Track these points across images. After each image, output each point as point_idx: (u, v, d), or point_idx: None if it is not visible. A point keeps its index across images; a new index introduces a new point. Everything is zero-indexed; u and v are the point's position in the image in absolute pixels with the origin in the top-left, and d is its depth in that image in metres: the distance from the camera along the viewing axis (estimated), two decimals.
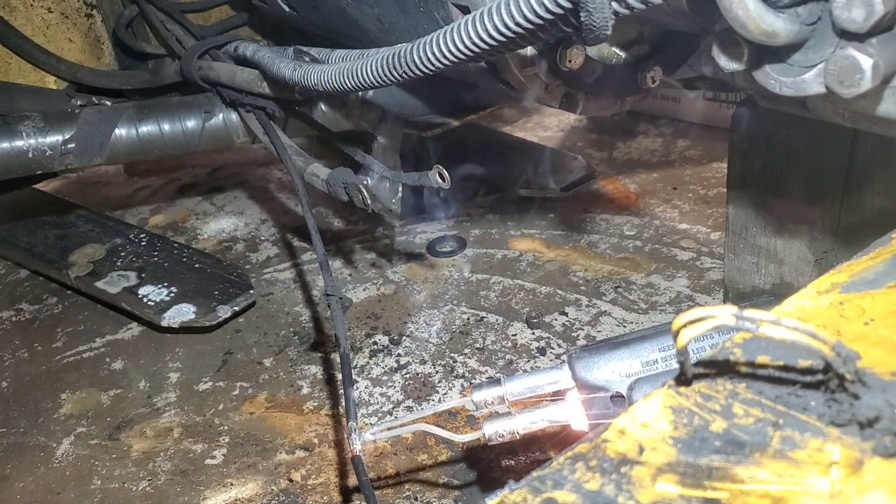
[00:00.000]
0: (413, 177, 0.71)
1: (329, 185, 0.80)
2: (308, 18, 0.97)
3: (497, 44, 0.50)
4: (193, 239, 1.33)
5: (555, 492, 0.31)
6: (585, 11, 0.42)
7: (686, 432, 0.32)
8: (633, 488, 0.30)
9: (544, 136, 1.57)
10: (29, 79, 1.09)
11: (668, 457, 0.31)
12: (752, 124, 0.81)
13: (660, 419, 0.33)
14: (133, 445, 0.89)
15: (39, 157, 0.98)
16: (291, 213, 1.37)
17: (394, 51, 0.58)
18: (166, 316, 1.04)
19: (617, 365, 0.54)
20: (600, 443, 0.32)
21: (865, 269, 0.40)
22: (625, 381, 0.53)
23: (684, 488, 0.29)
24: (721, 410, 0.33)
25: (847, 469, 0.29)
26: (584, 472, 0.31)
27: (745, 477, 0.29)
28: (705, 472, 0.30)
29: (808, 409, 0.32)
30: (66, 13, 1.12)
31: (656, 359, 0.54)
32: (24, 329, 1.13)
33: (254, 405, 0.93)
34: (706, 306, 0.32)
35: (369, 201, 0.76)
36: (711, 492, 0.29)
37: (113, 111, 1.03)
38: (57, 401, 0.97)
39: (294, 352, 1.01)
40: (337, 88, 0.69)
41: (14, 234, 1.27)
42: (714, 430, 0.32)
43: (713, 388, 0.34)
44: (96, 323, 1.12)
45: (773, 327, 0.30)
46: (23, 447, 0.91)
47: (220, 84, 1.01)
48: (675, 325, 0.32)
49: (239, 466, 0.84)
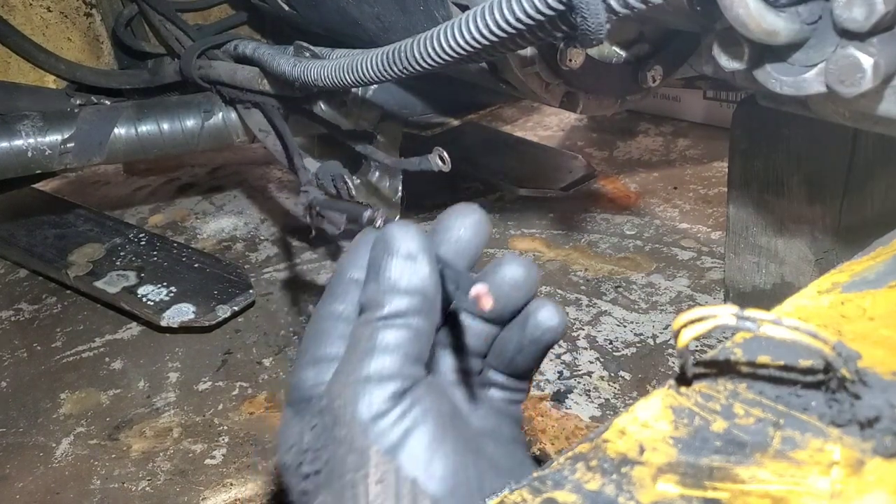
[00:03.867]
0: (413, 162, 0.71)
1: (318, 178, 0.80)
2: (307, 17, 0.97)
3: (493, 43, 0.50)
4: (193, 238, 1.32)
5: (555, 492, 0.30)
6: (580, 16, 0.42)
7: (687, 432, 0.32)
8: (634, 488, 0.30)
9: (544, 136, 1.57)
10: (28, 78, 1.09)
11: (669, 457, 0.31)
12: (753, 124, 0.81)
13: (660, 419, 0.33)
14: (132, 445, 0.89)
15: (38, 157, 0.98)
16: (291, 213, 1.37)
17: (394, 47, 0.58)
18: (166, 316, 1.04)
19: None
20: (601, 443, 0.32)
21: (866, 268, 0.39)
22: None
23: (685, 488, 0.29)
24: (722, 410, 0.33)
25: (848, 469, 0.29)
26: (585, 472, 0.31)
27: (745, 477, 0.29)
28: (706, 472, 0.30)
29: (809, 409, 0.32)
30: (65, 12, 1.12)
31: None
32: (23, 329, 1.13)
33: (253, 405, 0.93)
34: (706, 306, 0.32)
35: (353, 192, 0.76)
36: (712, 492, 0.29)
37: (112, 110, 1.03)
38: (56, 401, 0.97)
39: (294, 351, 1.01)
40: (337, 84, 0.69)
41: (13, 233, 1.27)
42: (715, 430, 0.32)
43: (714, 388, 0.34)
44: (95, 323, 1.12)
45: (773, 327, 0.30)
46: (22, 447, 0.91)
47: (219, 82, 1.01)
48: (675, 325, 0.32)
49: (239, 466, 0.84)
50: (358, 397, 0.34)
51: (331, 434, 0.34)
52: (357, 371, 0.34)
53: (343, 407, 0.34)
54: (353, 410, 0.34)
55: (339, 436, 0.34)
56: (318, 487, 0.35)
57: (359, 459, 0.33)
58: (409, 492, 0.33)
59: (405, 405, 0.34)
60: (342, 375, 0.35)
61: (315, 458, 0.35)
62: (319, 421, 0.35)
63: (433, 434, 0.34)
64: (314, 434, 0.36)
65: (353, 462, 0.33)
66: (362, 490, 0.33)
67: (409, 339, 0.35)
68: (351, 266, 0.40)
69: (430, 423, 0.34)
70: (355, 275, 0.39)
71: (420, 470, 0.33)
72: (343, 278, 0.40)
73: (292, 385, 0.38)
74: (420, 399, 0.35)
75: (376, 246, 0.37)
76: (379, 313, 0.36)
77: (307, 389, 0.37)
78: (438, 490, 0.33)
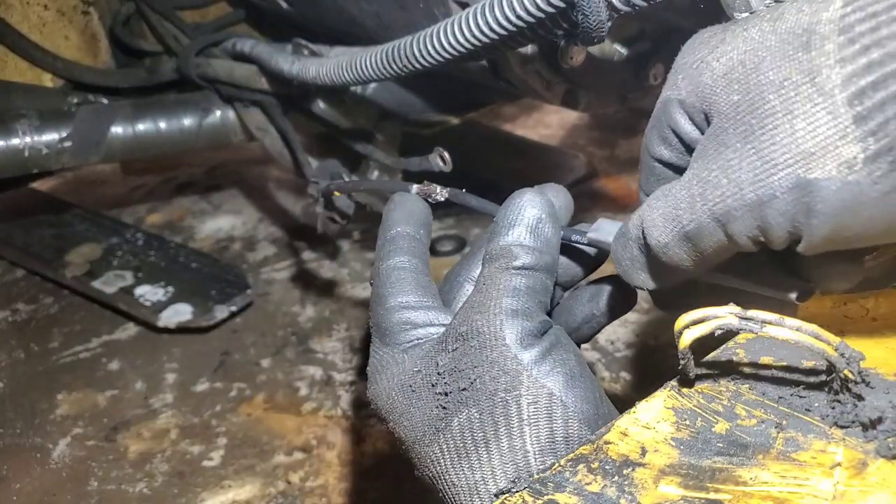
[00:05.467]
0: (414, 162, 0.71)
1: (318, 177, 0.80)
2: (306, 15, 0.97)
3: (493, 40, 0.49)
4: (190, 238, 1.32)
5: (556, 494, 0.30)
6: (581, 13, 0.42)
7: (689, 434, 0.32)
8: (636, 490, 0.29)
9: (545, 134, 1.56)
10: (25, 77, 1.09)
11: (671, 458, 0.30)
12: None
13: (662, 421, 0.33)
14: (130, 447, 0.89)
15: (36, 156, 0.97)
16: (289, 213, 1.36)
17: (393, 44, 0.58)
18: (163, 316, 1.04)
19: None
20: (602, 444, 0.32)
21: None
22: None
23: (687, 490, 0.29)
24: (724, 412, 0.32)
25: (850, 470, 0.28)
26: (586, 475, 0.31)
27: (747, 478, 0.29)
28: (708, 473, 0.29)
29: (812, 411, 0.32)
30: (62, 10, 1.12)
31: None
32: (20, 329, 1.12)
33: (251, 406, 0.93)
34: (708, 307, 0.32)
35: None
36: (714, 493, 0.28)
37: (109, 109, 1.03)
38: (53, 402, 0.97)
39: (292, 352, 1.01)
40: (336, 82, 0.68)
41: (10, 233, 1.27)
42: (717, 432, 0.31)
43: (716, 389, 0.34)
44: (93, 323, 1.12)
45: (776, 328, 0.30)
46: (19, 448, 0.90)
47: (218, 81, 1.00)
48: (677, 326, 0.31)
49: (236, 468, 0.84)
50: (505, 326, 0.37)
51: (478, 356, 0.37)
52: (499, 305, 0.38)
53: (492, 333, 0.37)
54: (502, 337, 0.37)
55: (488, 358, 0.37)
56: (460, 404, 0.38)
57: (512, 380, 0.37)
58: (562, 414, 0.36)
59: (549, 340, 0.38)
60: (482, 307, 0.39)
61: (456, 378, 0.38)
62: (461, 346, 0.38)
63: (574, 368, 0.38)
64: (454, 356, 0.39)
65: (506, 382, 0.37)
66: (515, 408, 0.36)
67: (538, 288, 0.40)
68: (397, 222, 0.46)
69: (571, 359, 0.38)
70: (404, 230, 0.45)
71: (570, 396, 0.36)
72: (393, 234, 0.45)
73: (385, 329, 0.42)
74: (559, 339, 0.39)
75: (508, 205, 0.43)
76: (513, 263, 0.40)
77: (403, 331, 0.42)
78: (585, 415, 0.36)
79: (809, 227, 0.28)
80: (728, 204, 0.30)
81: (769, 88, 0.29)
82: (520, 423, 0.36)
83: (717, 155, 0.31)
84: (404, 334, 0.42)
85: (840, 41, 0.27)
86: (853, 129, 0.27)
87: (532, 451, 0.35)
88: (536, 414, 0.36)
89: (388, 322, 0.42)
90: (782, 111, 0.29)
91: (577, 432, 0.36)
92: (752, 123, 0.30)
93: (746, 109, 0.30)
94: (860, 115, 0.27)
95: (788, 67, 0.29)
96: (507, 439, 0.36)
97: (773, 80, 0.29)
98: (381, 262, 0.44)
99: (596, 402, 0.37)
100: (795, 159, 0.28)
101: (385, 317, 0.42)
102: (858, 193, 0.27)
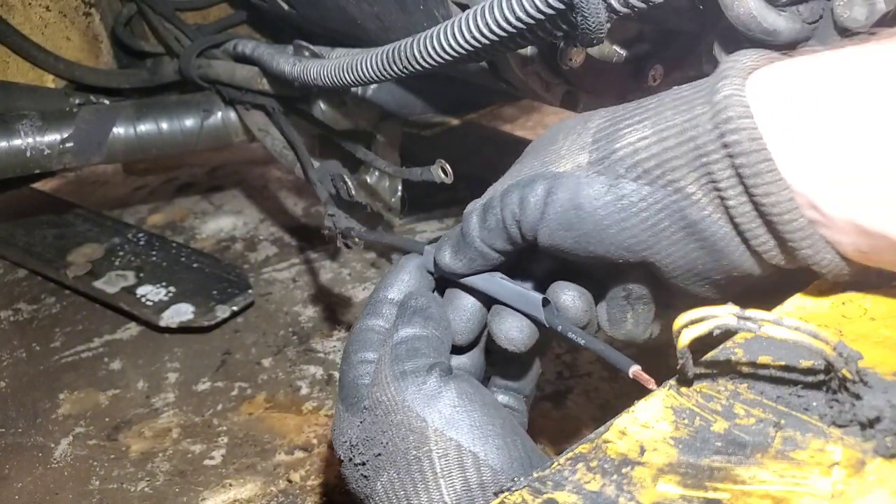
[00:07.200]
0: (415, 172, 0.71)
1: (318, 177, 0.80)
2: (307, 16, 0.97)
3: (493, 42, 0.49)
4: (192, 238, 1.32)
5: (555, 493, 0.30)
6: (580, 15, 0.42)
7: (687, 433, 0.32)
8: (634, 489, 0.30)
9: None
10: (27, 77, 1.09)
11: (670, 457, 0.31)
12: None
13: (661, 420, 0.33)
14: (131, 446, 0.89)
15: (37, 156, 0.97)
16: (290, 213, 1.37)
17: (393, 46, 0.58)
18: (164, 316, 1.04)
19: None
20: (601, 443, 0.32)
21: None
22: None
23: (685, 489, 0.29)
24: (722, 411, 0.33)
25: (849, 469, 0.28)
26: (585, 473, 0.31)
27: (746, 477, 0.29)
28: (706, 472, 0.30)
29: (810, 410, 0.32)
30: (64, 11, 1.12)
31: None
32: (22, 329, 1.12)
33: (253, 406, 0.93)
34: (707, 306, 0.32)
35: (353, 192, 0.76)
36: (713, 492, 0.29)
37: (111, 110, 1.03)
38: (55, 401, 0.97)
39: (293, 352, 1.01)
40: (337, 83, 0.68)
41: (12, 233, 1.27)
42: (715, 431, 0.31)
43: (714, 388, 0.34)
44: (94, 323, 1.12)
45: (774, 327, 0.30)
46: (21, 447, 0.90)
47: (219, 82, 1.01)
48: (675, 326, 0.32)
49: (238, 467, 0.84)
50: (400, 390, 0.40)
51: (385, 422, 0.40)
52: (388, 375, 0.41)
53: (391, 399, 0.40)
54: (402, 400, 0.39)
55: (394, 422, 0.39)
56: (378, 469, 0.40)
57: (419, 437, 0.38)
58: (473, 463, 0.38)
59: (451, 393, 0.40)
60: (377, 380, 0.42)
61: (370, 447, 0.41)
62: (368, 415, 0.41)
63: (479, 418, 0.39)
64: (363, 427, 0.41)
65: (415, 440, 0.38)
66: (428, 463, 0.38)
67: (423, 349, 0.42)
68: (389, 287, 0.49)
69: (476, 409, 0.39)
70: (391, 295, 0.48)
71: (479, 445, 0.38)
72: (380, 296, 0.48)
73: (344, 385, 0.45)
74: (463, 389, 0.40)
75: (387, 275, 0.49)
76: (393, 336, 0.43)
77: (356, 387, 0.44)
78: (497, 462, 0.38)
79: (553, 202, 0.41)
80: (496, 189, 0.46)
81: (560, 134, 0.45)
82: (434, 476, 0.38)
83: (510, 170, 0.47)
84: (347, 391, 0.45)
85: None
86: (588, 146, 0.43)
87: (450, 501, 0.38)
88: (448, 466, 0.38)
89: (344, 378, 0.45)
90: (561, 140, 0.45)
91: (490, 479, 0.37)
92: (544, 149, 0.45)
93: (543, 144, 0.46)
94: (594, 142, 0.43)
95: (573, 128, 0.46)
96: (426, 493, 0.38)
97: (564, 129, 0.46)
98: (359, 319, 0.48)
99: (508, 447, 0.39)
100: (552, 161, 0.43)
101: (343, 373, 0.45)
102: (582, 183, 0.41)
